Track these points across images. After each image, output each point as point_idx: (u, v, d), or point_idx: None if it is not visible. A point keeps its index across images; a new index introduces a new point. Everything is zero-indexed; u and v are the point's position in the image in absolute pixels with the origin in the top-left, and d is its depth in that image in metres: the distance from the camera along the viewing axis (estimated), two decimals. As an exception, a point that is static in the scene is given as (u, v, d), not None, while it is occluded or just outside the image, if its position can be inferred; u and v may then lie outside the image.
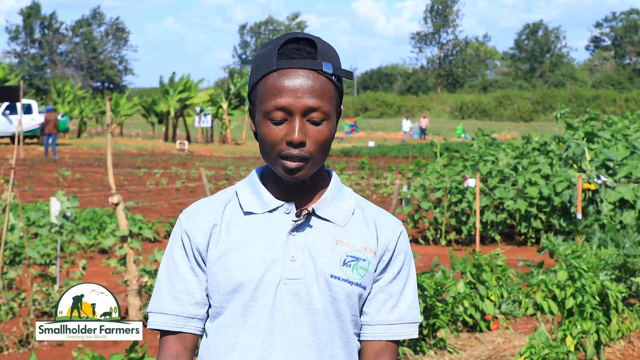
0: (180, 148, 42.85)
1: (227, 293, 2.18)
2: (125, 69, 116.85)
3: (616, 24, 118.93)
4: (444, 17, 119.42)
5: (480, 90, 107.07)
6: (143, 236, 13.72)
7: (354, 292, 2.20)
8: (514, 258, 13.27)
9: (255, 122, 2.21)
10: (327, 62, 2.16)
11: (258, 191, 2.24)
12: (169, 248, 2.27)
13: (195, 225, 2.23)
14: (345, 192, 2.29)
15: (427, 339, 7.41)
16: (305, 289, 2.16)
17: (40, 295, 8.59)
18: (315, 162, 2.16)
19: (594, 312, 6.88)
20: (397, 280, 2.26)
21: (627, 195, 13.14)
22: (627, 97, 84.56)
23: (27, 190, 20.87)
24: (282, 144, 2.13)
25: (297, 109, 2.12)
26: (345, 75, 2.20)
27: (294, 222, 2.19)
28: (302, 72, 2.13)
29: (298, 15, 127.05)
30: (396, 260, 2.26)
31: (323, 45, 2.18)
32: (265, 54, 2.18)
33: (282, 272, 2.16)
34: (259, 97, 2.18)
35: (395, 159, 37.17)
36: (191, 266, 2.22)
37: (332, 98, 2.17)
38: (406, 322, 2.26)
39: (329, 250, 2.19)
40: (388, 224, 2.28)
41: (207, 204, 2.27)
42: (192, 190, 23.17)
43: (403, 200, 15.82)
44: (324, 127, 2.15)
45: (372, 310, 2.25)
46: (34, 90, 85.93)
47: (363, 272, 2.21)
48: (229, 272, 2.17)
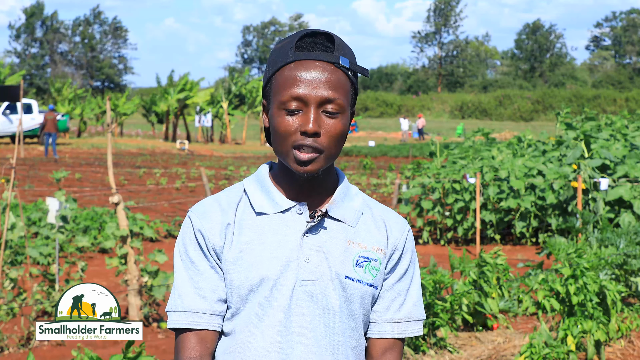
0: (181, 147, 42.85)
1: (243, 294, 2.17)
2: (125, 68, 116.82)
3: (616, 24, 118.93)
4: (446, 17, 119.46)
5: (481, 90, 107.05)
6: (144, 236, 13.72)
7: (367, 293, 2.21)
8: (513, 257, 13.28)
9: (270, 114, 2.20)
10: (344, 57, 2.17)
11: (269, 191, 2.23)
12: (183, 248, 2.23)
13: (210, 225, 2.20)
14: (353, 191, 2.30)
15: (427, 338, 7.42)
16: (321, 291, 2.17)
17: (42, 294, 8.60)
18: (328, 156, 2.15)
19: (594, 312, 6.89)
20: (405, 279, 2.28)
21: (625, 195, 13.15)
22: (627, 96, 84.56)
23: (27, 190, 20.88)
24: (296, 134, 2.13)
25: (313, 99, 2.12)
26: (362, 71, 2.20)
27: (307, 224, 2.19)
28: (319, 64, 2.14)
29: (301, 16, 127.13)
30: (404, 258, 2.28)
31: (341, 41, 2.19)
32: (282, 47, 2.19)
33: (298, 273, 2.16)
34: (274, 89, 2.17)
35: (396, 159, 37.18)
36: (211, 265, 2.20)
37: (348, 93, 2.17)
38: (413, 319, 2.28)
39: (341, 251, 2.20)
40: (397, 224, 2.29)
41: (217, 204, 2.24)
42: (192, 190, 23.17)
43: (403, 200, 15.82)
44: (338, 120, 2.15)
45: (380, 309, 2.26)
46: (34, 89, 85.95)
47: (375, 272, 2.22)
48: (244, 273, 2.16)
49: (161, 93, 52.40)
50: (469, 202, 14.86)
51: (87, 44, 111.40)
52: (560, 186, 13.83)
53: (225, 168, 30.82)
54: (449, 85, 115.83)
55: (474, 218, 14.79)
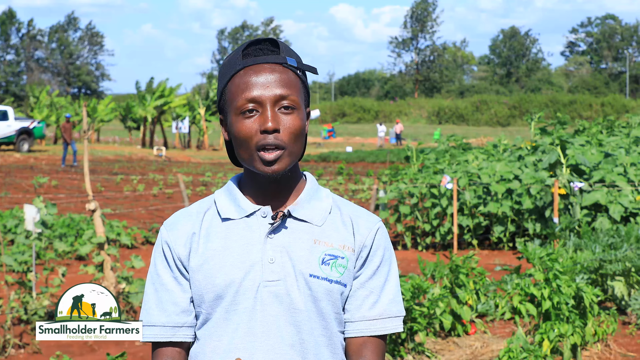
0: (158, 154, 42.74)
1: (211, 300, 2.21)
2: (102, 74, 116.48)
3: (592, 29, 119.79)
4: (422, 23, 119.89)
5: (458, 95, 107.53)
6: (121, 242, 13.67)
7: (334, 290, 2.22)
8: (490, 262, 13.33)
9: (228, 124, 2.25)
10: (290, 57, 2.24)
11: (235, 197, 2.28)
12: (152, 261, 2.31)
13: (175, 236, 2.27)
14: (322, 193, 2.32)
15: (405, 343, 7.44)
16: (286, 290, 2.19)
17: (17, 303, 8.54)
18: (291, 154, 2.19)
19: (570, 315, 6.92)
20: (377, 276, 2.28)
21: (601, 199, 13.24)
22: (603, 101, 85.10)
23: (2, 197, 20.77)
24: (257, 135, 2.17)
25: (267, 98, 2.17)
26: (310, 69, 2.27)
27: (270, 225, 2.22)
28: (267, 66, 2.21)
29: (272, 20, 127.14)
30: (375, 256, 2.28)
31: (285, 45, 2.26)
32: (230, 59, 2.26)
33: (262, 274, 2.19)
34: (229, 99, 2.23)
35: (373, 164, 37.25)
36: (174, 276, 2.26)
37: (300, 90, 2.23)
38: (389, 316, 2.28)
39: (307, 250, 2.22)
40: (364, 221, 2.30)
41: (186, 214, 2.31)
42: (169, 197, 23.12)
43: (380, 206, 15.84)
44: (295, 116, 2.20)
45: (353, 307, 2.26)
46: (11, 97, 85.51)
47: (342, 269, 2.23)
48: (210, 279, 2.20)
49: (139, 99, 52.28)
50: (446, 208, 14.90)
51: (64, 50, 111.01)
52: (537, 191, 13.90)
53: (202, 174, 30.78)
54: (426, 91, 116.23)
55: (451, 223, 14.84)
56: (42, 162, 35.99)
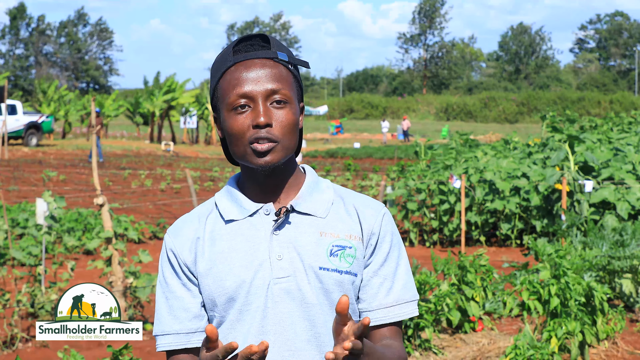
0: (166, 149, 42.77)
1: (223, 303, 2.20)
2: (111, 69, 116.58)
3: (601, 26, 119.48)
4: (431, 19, 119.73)
5: (466, 92, 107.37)
6: (128, 237, 13.69)
7: (344, 281, 2.21)
8: (498, 259, 13.31)
9: (221, 121, 2.24)
10: (281, 52, 2.23)
11: (236, 198, 2.27)
12: (160, 270, 2.31)
13: (180, 242, 2.26)
14: (323, 185, 2.31)
15: (411, 339, 7.43)
16: (296, 285, 2.18)
17: (26, 296, 8.56)
18: (285, 147, 2.18)
19: (578, 313, 6.91)
20: (389, 262, 2.27)
21: (609, 196, 13.21)
22: (611, 99, 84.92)
23: (11, 191, 20.81)
24: (250, 130, 2.16)
25: (259, 93, 2.17)
26: (301, 63, 2.26)
27: (274, 222, 2.21)
28: (258, 62, 2.20)
29: (281, 15, 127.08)
30: (383, 242, 2.27)
31: (276, 40, 2.26)
32: (221, 57, 2.25)
33: (271, 272, 2.18)
34: (221, 96, 2.23)
35: (381, 160, 37.19)
36: (182, 282, 2.25)
37: (291, 84, 2.22)
38: (405, 301, 2.27)
39: (314, 244, 2.21)
40: (369, 208, 2.29)
41: (188, 220, 2.30)
42: (177, 192, 23.13)
43: (387, 202, 15.83)
44: (288, 110, 2.19)
45: (368, 296, 2.25)
46: (20, 91, 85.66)
47: (351, 259, 2.22)
48: (220, 282, 2.20)
49: (147, 94, 52.30)
50: (454, 204, 14.87)
51: (73, 45, 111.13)
52: (545, 188, 13.87)
53: (210, 170, 30.77)
54: (434, 87, 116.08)
55: (459, 220, 14.82)
56: (51, 157, 36.03)
